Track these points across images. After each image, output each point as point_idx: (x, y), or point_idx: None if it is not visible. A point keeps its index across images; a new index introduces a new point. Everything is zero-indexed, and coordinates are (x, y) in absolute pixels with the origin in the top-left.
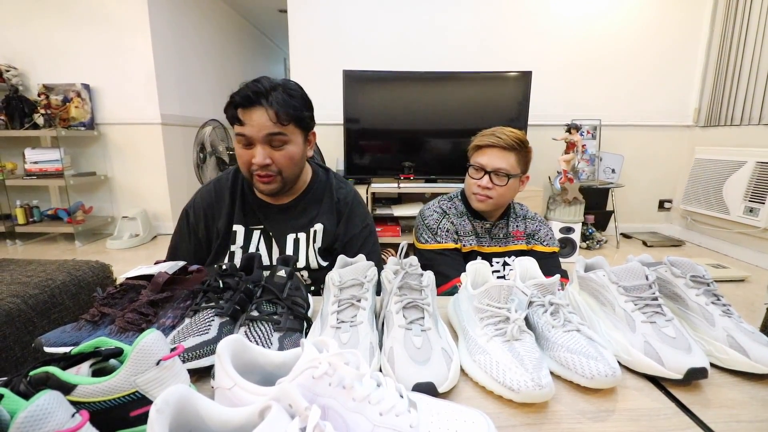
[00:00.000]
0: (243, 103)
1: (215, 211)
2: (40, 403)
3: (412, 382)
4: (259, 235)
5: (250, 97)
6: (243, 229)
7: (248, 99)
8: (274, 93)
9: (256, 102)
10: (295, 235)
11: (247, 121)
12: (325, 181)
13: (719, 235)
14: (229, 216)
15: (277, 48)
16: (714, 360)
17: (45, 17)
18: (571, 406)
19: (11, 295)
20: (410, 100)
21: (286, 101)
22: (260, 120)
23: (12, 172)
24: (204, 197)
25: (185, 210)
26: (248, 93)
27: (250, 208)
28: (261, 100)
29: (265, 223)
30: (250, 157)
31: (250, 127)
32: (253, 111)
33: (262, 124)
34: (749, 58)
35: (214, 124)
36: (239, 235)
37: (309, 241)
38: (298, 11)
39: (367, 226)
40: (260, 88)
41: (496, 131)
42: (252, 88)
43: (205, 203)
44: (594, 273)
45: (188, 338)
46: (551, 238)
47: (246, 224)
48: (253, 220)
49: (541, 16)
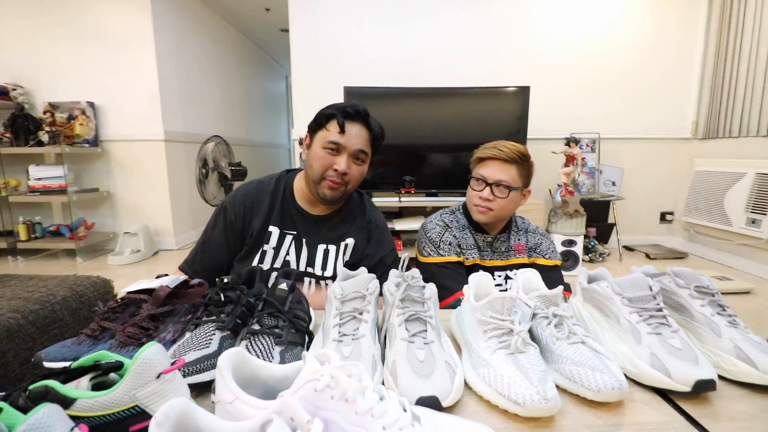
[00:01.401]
0: (351, 116)
1: (255, 208)
2: (39, 417)
3: (416, 395)
4: (291, 240)
5: (360, 113)
6: (278, 231)
7: (357, 114)
8: (370, 118)
9: (359, 118)
10: (326, 246)
11: (348, 131)
12: (359, 202)
13: (722, 247)
14: (267, 216)
15: (279, 66)
16: (722, 372)
17: (51, 37)
18: (578, 420)
19: (11, 310)
20: (410, 115)
21: (378, 128)
22: (359, 134)
23: (16, 188)
24: (245, 193)
25: (223, 205)
26: (358, 109)
27: (287, 213)
28: (367, 119)
29: (299, 230)
30: (332, 162)
31: (348, 138)
32: (354, 125)
33: (359, 139)
34: (744, 70)
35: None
36: (273, 236)
37: (338, 254)
38: (300, 30)
39: (394, 250)
40: (362, 110)
41: (498, 144)
42: (356, 107)
43: (247, 199)
44: (597, 284)
45: (189, 352)
46: (553, 251)
47: (282, 227)
48: (288, 224)
49: (539, 33)
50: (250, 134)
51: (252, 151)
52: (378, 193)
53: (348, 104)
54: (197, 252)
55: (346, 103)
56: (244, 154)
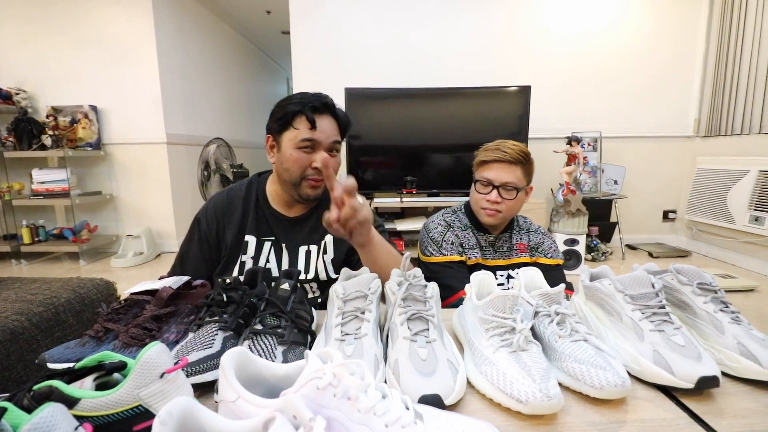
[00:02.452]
0: (317, 109)
1: (227, 219)
2: (44, 416)
3: (418, 394)
4: (270, 246)
5: (326, 103)
6: (255, 240)
7: (324, 105)
8: (336, 108)
9: (326, 110)
10: (307, 247)
11: (319, 126)
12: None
13: (725, 245)
14: (241, 226)
15: (280, 68)
16: (725, 368)
17: (54, 42)
18: (581, 418)
19: (15, 312)
20: (411, 115)
21: (342, 114)
22: (329, 126)
23: (19, 192)
24: (217, 204)
25: (197, 218)
26: (321, 102)
27: (263, 219)
28: (331, 109)
29: (277, 234)
30: (309, 161)
31: (321, 133)
32: (323, 118)
33: (330, 130)
34: (746, 67)
35: (218, 143)
36: (251, 246)
37: (320, 253)
38: (300, 32)
39: (380, 226)
40: (330, 101)
41: (500, 145)
42: (321, 99)
43: (218, 210)
44: (600, 282)
45: (192, 352)
46: (555, 250)
47: (258, 235)
48: (265, 231)
49: (540, 32)
50: (251, 136)
51: (253, 153)
52: (379, 193)
53: (310, 97)
54: (176, 266)
55: (306, 96)
56: (246, 156)
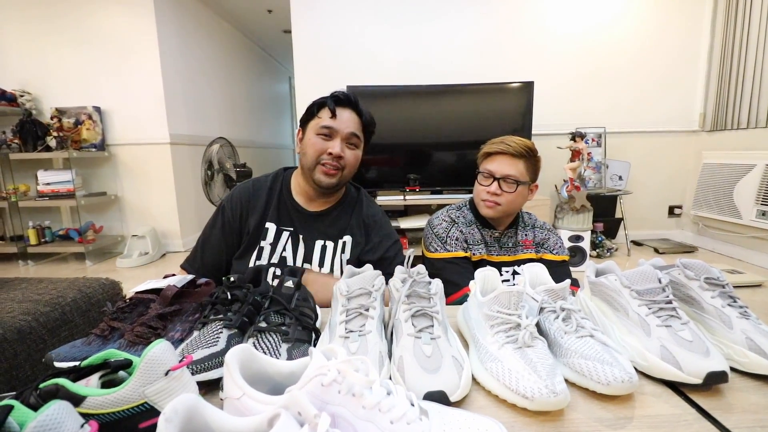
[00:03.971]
0: (343, 101)
1: (251, 205)
2: (50, 413)
3: (423, 390)
4: (288, 236)
5: (350, 99)
6: (275, 228)
7: (348, 100)
8: (360, 105)
9: (352, 104)
10: (324, 242)
11: (339, 116)
12: (356, 197)
13: (732, 240)
14: (264, 212)
15: (282, 68)
16: (733, 364)
17: (57, 43)
18: (588, 414)
19: (22, 312)
20: (414, 113)
21: (367, 113)
22: (350, 119)
23: (25, 193)
24: (242, 191)
25: (221, 204)
26: (349, 96)
27: (284, 209)
28: (356, 105)
29: (296, 226)
30: (326, 147)
31: (340, 122)
32: (344, 110)
33: (350, 123)
34: (752, 61)
35: (221, 142)
36: (270, 232)
37: (336, 251)
38: (302, 31)
39: (397, 241)
40: (352, 97)
41: (505, 139)
42: (346, 94)
43: (243, 197)
44: (605, 277)
45: (197, 350)
46: (560, 246)
47: (278, 223)
48: (285, 220)
49: (543, 28)
50: (254, 135)
51: (256, 153)
52: (383, 191)
53: (338, 91)
54: (197, 250)
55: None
56: (249, 155)
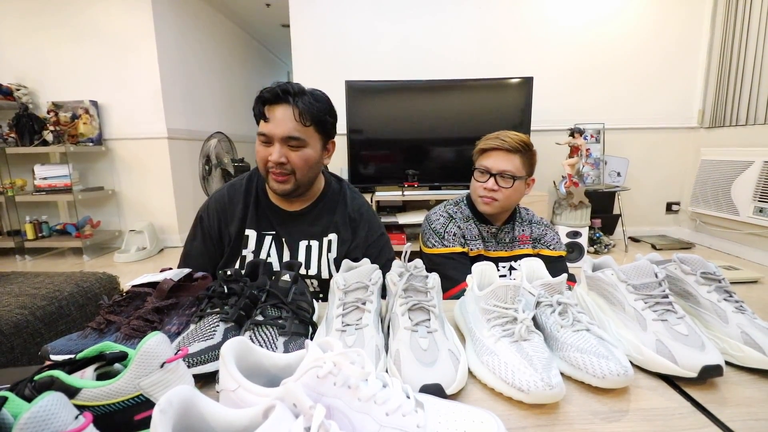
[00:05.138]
0: (270, 100)
1: (228, 214)
2: (44, 405)
3: (419, 383)
4: (270, 240)
5: (278, 94)
6: (255, 234)
7: (276, 96)
8: (301, 95)
9: (282, 99)
10: (308, 242)
11: (271, 117)
12: (338, 190)
13: (730, 236)
14: (242, 220)
15: (280, 62)
16: (729, 358)
17: (53, 37)
18: (583, 407)
19: (19, 306)
20: (412, 108)
21: (311, 103)
22: (284, 117)
23: (22, 188)
24: (218, 201)
25: (199, 215)
26: (277, 90)
27: (263, 213)
28: (288, 98)
29: (277, 229)
30: (267, 154)
31: (274, 125)
32: (277, 108)
33: (284, 123)
34: (752, 57)
35: (219, 137)
36: (251, 240)
37: (322, 250)
38: (300, 25)
39: (383, 234)
40: (289, 88)
41: (500, 135)
42: (281, 86)
43: (219, 207)
44: (602, 272)
45: (193, 344)
46: (558, 242)
47: (258, 229)
48: (265, 225)
49: (542, 23)
50: (252, 130)
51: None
52: (381, 187)
53: (269, 87)
54: (180, 265)
55: (273, 84)
56: (247, 150)
